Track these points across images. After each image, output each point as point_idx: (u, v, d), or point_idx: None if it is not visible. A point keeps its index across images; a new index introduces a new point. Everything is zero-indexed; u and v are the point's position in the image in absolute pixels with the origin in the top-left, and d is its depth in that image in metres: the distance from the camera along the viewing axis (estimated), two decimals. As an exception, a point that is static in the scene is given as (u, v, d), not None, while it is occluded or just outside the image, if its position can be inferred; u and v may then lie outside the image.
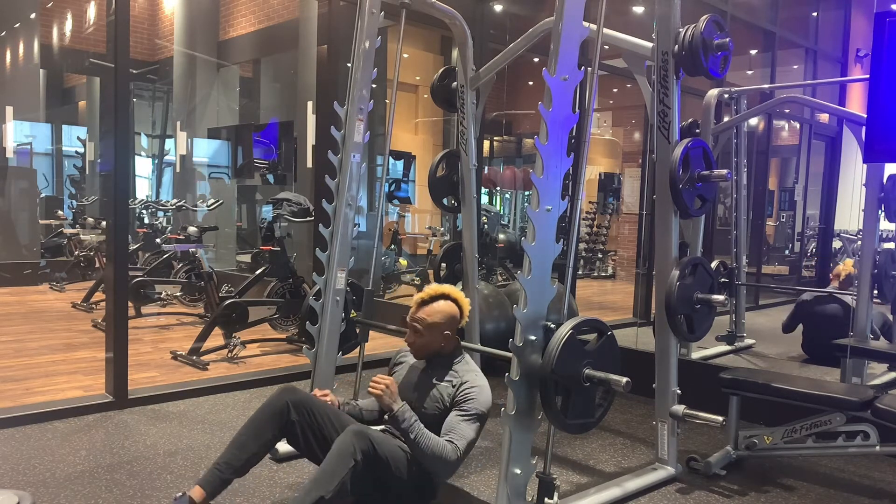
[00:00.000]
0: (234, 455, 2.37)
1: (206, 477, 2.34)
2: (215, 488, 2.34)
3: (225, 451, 2.39)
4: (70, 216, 9.59)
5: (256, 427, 2.41)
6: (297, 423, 2.43)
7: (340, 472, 2.18)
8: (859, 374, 3.88)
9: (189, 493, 2.29)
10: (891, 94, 2.51)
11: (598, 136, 10.67)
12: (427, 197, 4.02)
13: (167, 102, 10.36)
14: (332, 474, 2.18)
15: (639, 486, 2.89)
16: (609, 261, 10.56)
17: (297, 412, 2.43)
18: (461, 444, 2.35)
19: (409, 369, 2.67)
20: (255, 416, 2.44)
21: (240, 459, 2.37)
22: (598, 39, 2.62)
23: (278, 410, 2.42)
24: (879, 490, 3.04)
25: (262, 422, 2.42)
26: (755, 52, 7.19)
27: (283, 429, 2.43)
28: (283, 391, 2.48)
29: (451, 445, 2.33)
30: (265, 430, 2.41)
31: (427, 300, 2.55)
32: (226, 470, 2.35)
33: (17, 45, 8.55)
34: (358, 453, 2.20)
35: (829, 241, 6.50)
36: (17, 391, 3.91)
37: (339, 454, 2.21)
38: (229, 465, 2.36)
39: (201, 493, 2.30)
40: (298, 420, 2.43)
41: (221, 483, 2.35)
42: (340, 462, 2.19)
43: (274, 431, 2.42)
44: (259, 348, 5.09)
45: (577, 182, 2.68)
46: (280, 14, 8.31)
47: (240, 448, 2.38)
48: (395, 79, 3.42)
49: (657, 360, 3.06)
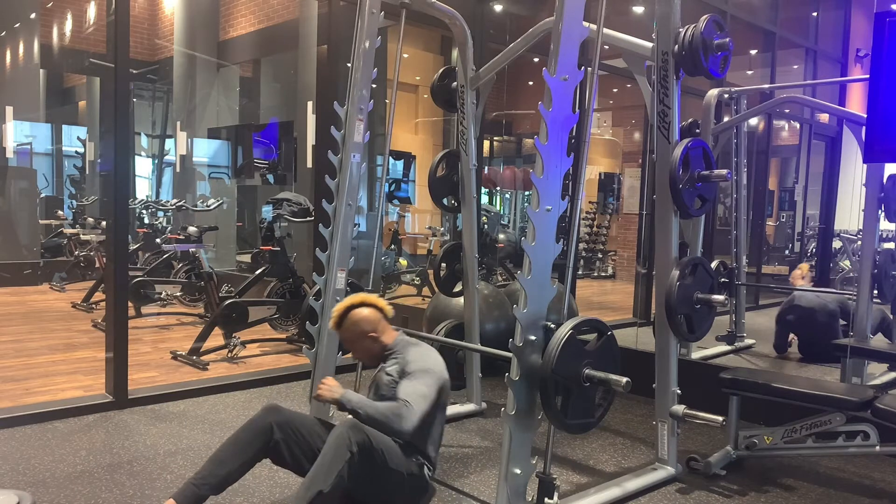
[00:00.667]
0: (212, 471, 2.32)
1: (183, 491, 2.28)
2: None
3: (203, 467, 2.34)
4: (70, 216, 9.60)
5: (238, 445, 2.37)
6: (281, 442, 2.40)
7: (337, 465, 2.18)
8: (859, 374, 3.88)
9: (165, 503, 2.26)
10: (891, 94, 2.51)
11: (598, 136, 10.66)
12: (427, 197, 4.02)
13: (167, 102, 10.35)
14: (328, 468, 2.18)
15: (639, 486, 2.89)
16: (609, 261, 10.55)
17: (281, 431, 2.40)
18: (411, 398, 2.36)
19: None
20: (238, 434, 2.40)
21: (217, 476, 2.31)
22: (598, 39, 2.62)
23: (262, 430, 2.39)
24: (879, 490, 3.04)
25: (244, 441, 2.38)
26: (755, 52, 7.19)
27: (266, 449, 2.39)
28: (268, 411, 2.44)
29: (400, 401, 2.35)
30: (247, 449, 2.37)
31: (338, 325, 2.61)
32: (202, 486, 2.29)
33: (17, 45, 8.55)
34: (353, 445, 2.21)
35: (829, 241, 6.49)
36: (17, 391, 3.91)
37: (335, 447, 2.21)
38: (205, 481, 2.30)
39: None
40: (283, 438, 2.40)
41: (197, 499, 2.28)
42: (336, 455, 2.20)
43: (256, 451, 2.37)
44: (259, 348, 5.09)
45: (577, 182, 2.68)
46: (280, 14, 8.31)
47: (218, 465, 2.33)
48: (395, 79, 3.42)
49: (657, 360, 3.06)
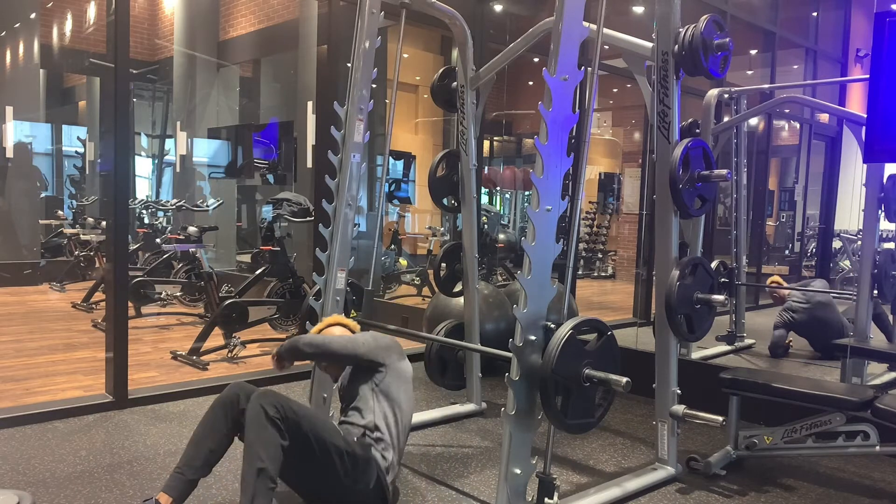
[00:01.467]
0: (192, 455, 2.34)
1: (169, 482, 2.31)
2: (181, 492, 2.30)
3: (183, 454, 2.36)
4: (70, 216, 9.60)
5: (210, 422, 2.40)
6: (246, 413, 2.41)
7: (263, 435, 2.19)
8: (859, 374, 3.88)
9: (156, 498, 2.27)
10: (891, 94, 2.51)
11: (598, 136, 10.66)
12: (427, 197, 4.01)
13: (167, 102, 10.35)
14: (256, 442, 2.19)
15: (639, 486, 2.89)
16: (609, 261, 10.56)
17: (247, 401, 2.39)
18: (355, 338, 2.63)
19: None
20: (208, 413, 2.43)
21: (198, 458, 2.34)
22: (598, 39, 2.62)
23: (229, 401, 2.41)
24: (879, 490, 3.04)
25: (213, 416, 2.40)
26: (755, 52, 7.19)
27: (235, 420, 2.39)
28: (232, 386, 2.47)
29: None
30: (219, 423, 2.39)
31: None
32: (187, 471, 2.32)
33: (17, 45, 8.54)
34: (270, 408, 2.21)
35: (829, 241, 6.49)
36: (17, 391, 3.91)
37: (254, 419, 2.22)
38: (189, 465, 2.33)
39: (168, 500, 2.27)
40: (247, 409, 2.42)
41: (186, 484, 2.31)
42: (259, 426, 2.20)
43: (228, 424, 2.39)
44: (259, 348, 5.09)
45: (577, 182, 2.68)
46: (280, 14, 8.31)
47: (196, 446, 2.36)
48: (395, 79, 3.42)
49: (657, 360, 3.06)
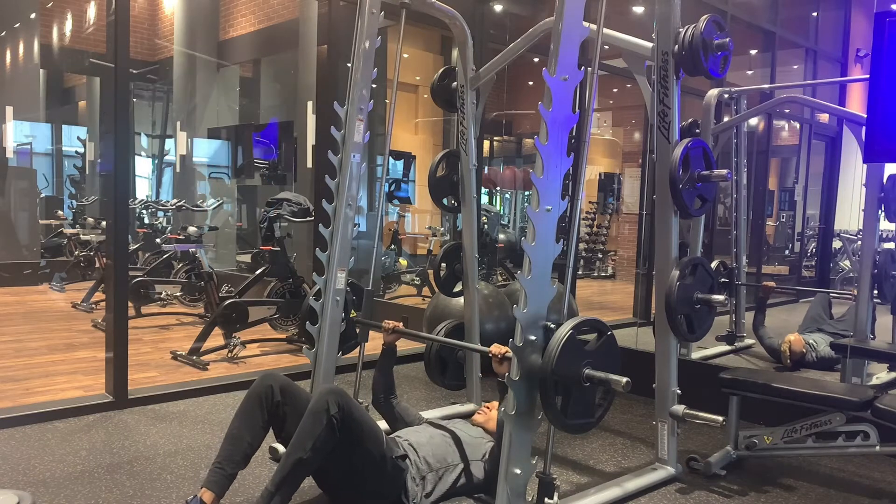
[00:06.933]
0: (231, 449, 2.39)
1: (211, 478, 2.34)
2: (222, 487, 2.35)
3: (222, 448, 2.41)
4: (70, 216, 9.60)
5: (245, 415, 2.44)
6: (281, 406, 2.46)
7: (316, 429, 2.21)
8: (859, 374, 3.88)
9: (199, 496, 2.30)
10: (891, 94, 2.51)
11: (598, 136, 10.67)
12: (427, 197, 4.02)
13: (167, 102, 10.36)
14: (308, 433, 2.22)
15: (639, 486, 2.89)
16: (609, 261, 10.56)
17: (282, 394, 2.47)
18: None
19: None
20: (242, 405, 2.47)
21: (238, 452, 2.39)
22: (598, 39, 2.62)
23: (263, 393, 2.46)
24: (879, 490, 3.04)
25: (249, 409, 2.45)
26: (755, 52, 7.19)
27: (271, 412, 2.45)
28: (265, 376, 2.51)
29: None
30: (255, 415, 2.44)
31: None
32: (227, 466, 2.36)
33: (17, 45, 8.54)
34: (333, 406, 2.24)
35: (829, 241, 6.50)
36: (17, 391, 3.91)
37: (314, 411, 2.25)
38: (230, 460, 2.37)
39: (211, 496, 2.31)
40: (283, 402, 2.46)
41: (227, 479, 2.36)
42: (316, 420, 2.23)
43: (263, 415, 2.44)
44: (259, 348, 5.09)
45: (577, 182, 2.68)
46: (280, 14, 8.31)
47: (235, 441, 2.40)
48: (395, 79, 3.42)
49: (657, 360, 3.06)
